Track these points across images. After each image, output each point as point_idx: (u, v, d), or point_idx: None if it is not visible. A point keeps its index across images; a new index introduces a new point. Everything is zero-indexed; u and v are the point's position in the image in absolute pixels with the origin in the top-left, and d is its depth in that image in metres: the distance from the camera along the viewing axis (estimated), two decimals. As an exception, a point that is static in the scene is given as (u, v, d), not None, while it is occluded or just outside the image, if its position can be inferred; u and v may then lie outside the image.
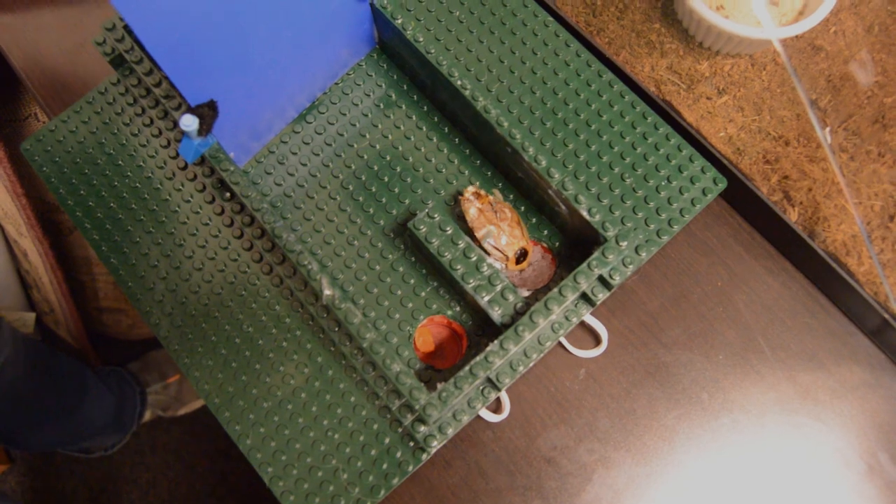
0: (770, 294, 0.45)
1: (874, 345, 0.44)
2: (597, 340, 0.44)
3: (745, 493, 0.42)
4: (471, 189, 0.42)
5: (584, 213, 0.38)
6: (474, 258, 0.39)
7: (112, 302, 1.11)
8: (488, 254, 0.41)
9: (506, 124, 0.39)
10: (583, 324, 0.45)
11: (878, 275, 0.42)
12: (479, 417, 0.43)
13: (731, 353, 0.44)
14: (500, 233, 0.41)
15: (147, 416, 1.14)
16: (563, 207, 0.39)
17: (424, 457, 0.39)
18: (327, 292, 0.37)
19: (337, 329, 0.39)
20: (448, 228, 0.39)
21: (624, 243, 0.37)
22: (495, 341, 0.36)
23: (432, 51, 0.41)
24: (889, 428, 0.43)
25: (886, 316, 0.42)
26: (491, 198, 0.42)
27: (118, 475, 1.25)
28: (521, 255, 0.41)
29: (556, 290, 0.36)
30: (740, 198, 0.45)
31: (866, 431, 0.43)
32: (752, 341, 0.44)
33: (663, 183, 0.42)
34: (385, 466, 0.39)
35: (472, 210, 0.41)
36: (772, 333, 0.45)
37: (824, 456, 0.43)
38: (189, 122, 0.37)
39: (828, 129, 0.45)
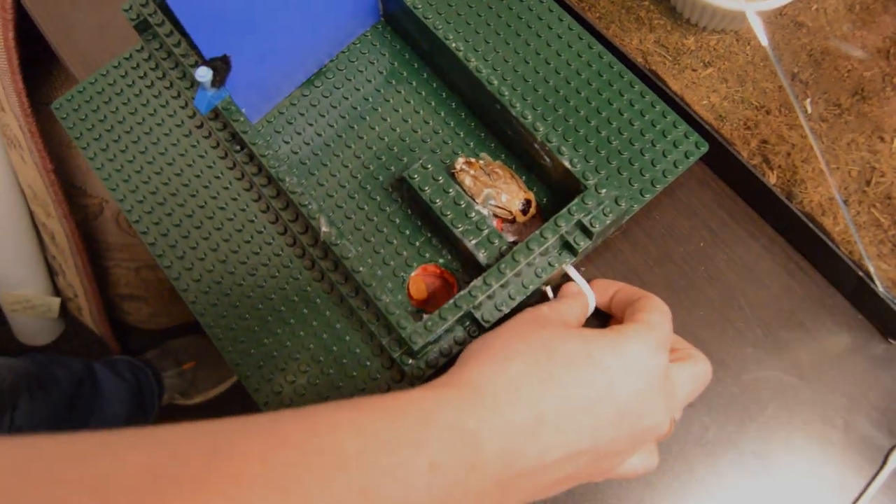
0: (751, 255, 0.47)
1: (852, 306, 0.46)
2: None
3: (722, 445, 0.44)
4: (460, 160, 0.44)
5: (566, 163, 0.40)
6: (463, 205, 0.42)
7: (134, 289, 1.15)
8: (496, 217, 0.43)
9: (495, 83, 0.42)
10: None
11: (852, 234, 0.44)
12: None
13: (711, 310, 0.46)
14: (500, 192, 0.43)
15: (163, 399, 1.17)
16: (549, 160, 0.42)
17: (413, 392, 0.41)
18: (325, 229, 0.39)
19: (335, 270, 0.42)
20: (440, 178, 0.42)
21: (603, 191, 0.40)
22: (479, 277, 0.38)
23: (430, 16, 0.44)
24: (865, 386, 0.45)
25: (861, 274, 0.43)
26: (481, 162, 0.44)
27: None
28: (526, 205, 0.43)
29: (537, 231, 0.39)
30: (722, 162, 0.47)
31: (843, 389, 0.45)
32: (732, 299, 0.46)
33: (648, 146, 0.45)
34: (376, 401, 0.41)
35: (467, 179, 0.44)
36: (752, 293, 0.46)
37: (801, 411, 0.45)
38: (203, 74, 0.40)
39: (808, 99, 0.47)
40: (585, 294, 0.43)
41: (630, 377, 0.34)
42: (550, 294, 0.46)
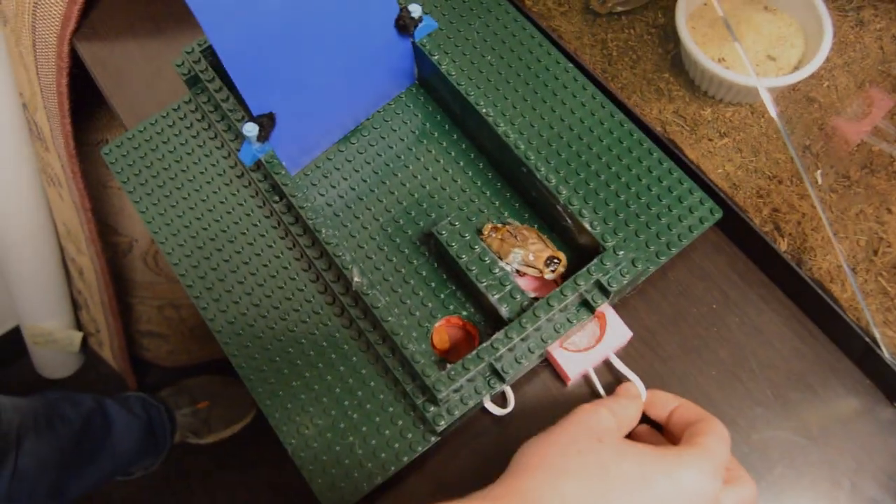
0: (762, 318, 0.49)
1: (859, 370, 0.48)
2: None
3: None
4: (488, 226, 0.47)
5: (587, 226, 0.43)
6: (488, 261, 0.44)
7: (155, 326, 1.17)
8: (524, 275, 0.45)
9: (522, 147, 0.45)
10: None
11: (859, 301, 0.45)
12: (486, 412, 0.47)
13: (722, 370, 0.48)
14: (527, 252, 0.45)
15: (176, 437, 1.18)
16: (570, 222, 0.44)
17: (433, 439, 0.43)
18: (357, 280, 0.42)
19: (363, 317, 0.44)
20: (467, 234, 0.44)
21: (621, 253, 0.42)
22: (501, 331, 0.41)
23: (462, 83, 0.47)
24: (873, 449, 0.46)
25: (868, 340, 0.45)
26: (508, 227, 0.47)
27: (141, 499, 1.28)
28: (550, 261, 0.45)
29: (557, 289, 0.41)
30: (735, 228, 0.49)
31: (851, 451, 0.46)
32: (743, 360, 0.48)
33: (664, 211, 0.47)
34: (397, 446, 0.43)
35: (494, 243, 0.46)
36: (762, 354, 0.48)
37: (809, 471, 0.46)
38: (250, 129, 0.43)
39: (819, 171, 0.50)
40: (641, 396, 0.44)
41: (682, 503, 0.35)
42: (599, 387, 0.47)
